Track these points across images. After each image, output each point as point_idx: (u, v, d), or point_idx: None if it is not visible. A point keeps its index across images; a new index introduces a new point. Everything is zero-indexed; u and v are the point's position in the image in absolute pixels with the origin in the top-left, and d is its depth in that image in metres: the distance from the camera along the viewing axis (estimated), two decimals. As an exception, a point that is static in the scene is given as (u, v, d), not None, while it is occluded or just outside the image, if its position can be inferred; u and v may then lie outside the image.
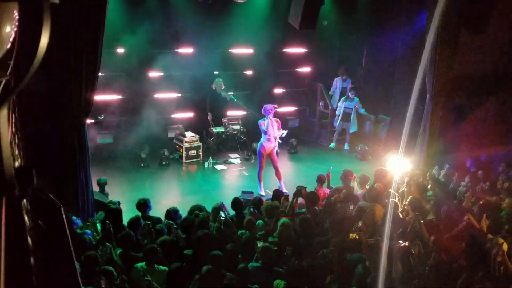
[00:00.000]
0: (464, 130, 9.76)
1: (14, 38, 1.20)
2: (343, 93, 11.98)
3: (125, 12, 9.27)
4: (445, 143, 9.45)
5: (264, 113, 8.67)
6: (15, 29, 1.19)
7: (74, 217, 5.81)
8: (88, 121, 6.71)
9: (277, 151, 8.90)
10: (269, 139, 8.62)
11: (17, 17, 1.18)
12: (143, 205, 6.26)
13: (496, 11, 8.73)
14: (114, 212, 5.99)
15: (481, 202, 6.28)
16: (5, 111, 1.21)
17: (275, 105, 9.01)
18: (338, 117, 11.74)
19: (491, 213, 5.88)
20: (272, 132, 8.61)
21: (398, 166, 7.18)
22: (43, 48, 1.15)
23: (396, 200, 6.38)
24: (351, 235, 4.81)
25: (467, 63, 9.33)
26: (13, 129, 1.77)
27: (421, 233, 5.33)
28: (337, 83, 12.20)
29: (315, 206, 6.50)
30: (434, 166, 8.62)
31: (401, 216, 5.95)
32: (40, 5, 1.13)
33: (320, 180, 7.57)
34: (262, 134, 8.71)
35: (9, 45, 1.18)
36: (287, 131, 9.39)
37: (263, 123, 8.62)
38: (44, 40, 1.15)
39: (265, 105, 8.71)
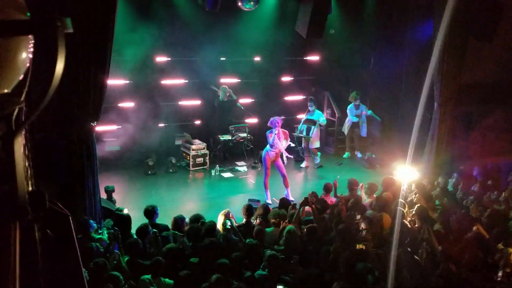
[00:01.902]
0: (472, 139, 9.70)
1: (28, 67, 1.23)
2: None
3: (133, 20, 9.36)
4: (453, 151, 9.39)
5: (271, 125, 8.65)
6: (30, 58, 1.22)
7: (91, 220, 5.83)
8: (96, 128, 6.74)
9: (283, 161, 8.84)
10: (275, 150, 8.59)
11: (31, 47, 1.21)
12: (151, 212, 6.27)
13: (503, 18, 8.71)
14: (124, 220, 6.01)
15: (488, 212, 6.23)
16: (19, 138, 1.24)
17: (282, 117, 8.96)
18: (302, 131, 10.92)
19: (499, 222, 5.83)
20: (280, 145, 8.57)
21: (406, 175, 7.14)
22: (57, 79, 1.19)
23: (404, 209, 6.35)
24: (357, 245, 4.78)
25: (475, 71, 9.30)
26: (23, 139, 1.79)
27: (430, 242, 5.28)
28: (350, 111, 11.43)
29: (324, 213, 6.48)
30: (442, 175, 8.56)
31: (409, 225, 5.91)
32: (55, 34, 1.16)
33: (327, 188, 7.54)
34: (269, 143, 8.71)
35: (22, 75, 1.21)
36: (292, 144, 9.37)
37: (270, 136, 8.60)
38: (59, 70, 1.18)
39: (271, 118, 8.68)
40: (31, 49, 1.20)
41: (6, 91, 1.17)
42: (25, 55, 1.19)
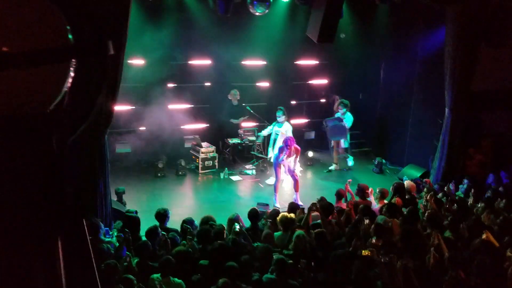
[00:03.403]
0: (484, 145, 9.60)
1: (69, 87, 1.27)
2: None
3: (144, 24, 9.45)
4: (464, 157, 9.31)
5: (284, 144, 8.64)
6: (71, 77, 1.26)
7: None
8: (108, 130, 6.80)
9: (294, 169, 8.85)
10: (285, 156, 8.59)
11: (73, 68, 1.25)
12: (163, 215, 6.28)
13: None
14: (132, 221, 6.05)
15: (499, 219, 6.17)
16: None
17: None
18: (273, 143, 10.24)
19: (510, 230, 5.77)
20: (286, 165, 8.57)
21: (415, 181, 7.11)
22: (102, 96, 1.26)
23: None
24: (363, 251, 4.77)
25: (486, 77, 9.21)
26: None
27: (439, 249, 5.25)
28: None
29: (329, 216, 6.47)
30: (452, 181, 8.49)
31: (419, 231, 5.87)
32: (99, 57, 1.21)
33: (339, 195, 7.51)
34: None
35: (62, 94, 1.26)
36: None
37: (281, 154, 8.59)
38: (103, 89, 1.25)
39: (285, 137, 8.72)
40: (73, 70, 1.25)
41: (48, 108, 1.21)
42: (67, 76, 1.23)
